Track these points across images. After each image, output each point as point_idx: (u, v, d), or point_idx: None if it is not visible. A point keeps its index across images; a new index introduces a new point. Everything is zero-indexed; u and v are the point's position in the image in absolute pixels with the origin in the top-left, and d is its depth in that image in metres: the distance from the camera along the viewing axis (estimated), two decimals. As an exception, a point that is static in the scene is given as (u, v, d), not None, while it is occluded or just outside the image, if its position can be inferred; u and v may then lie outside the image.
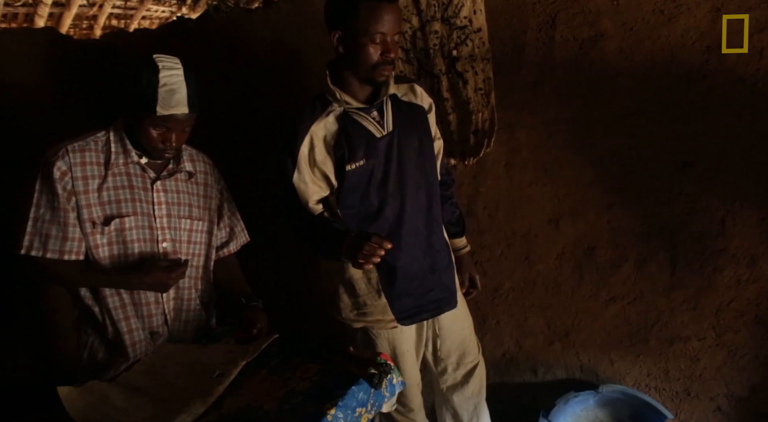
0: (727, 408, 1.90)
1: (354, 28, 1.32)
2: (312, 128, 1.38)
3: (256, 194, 1.94)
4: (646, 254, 1.84)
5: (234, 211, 1.55)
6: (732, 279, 1.74)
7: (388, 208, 1.44)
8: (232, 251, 1.54)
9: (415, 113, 1.51)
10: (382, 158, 1.42)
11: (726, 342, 1.81)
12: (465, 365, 1.71)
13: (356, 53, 1.34)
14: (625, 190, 1.81)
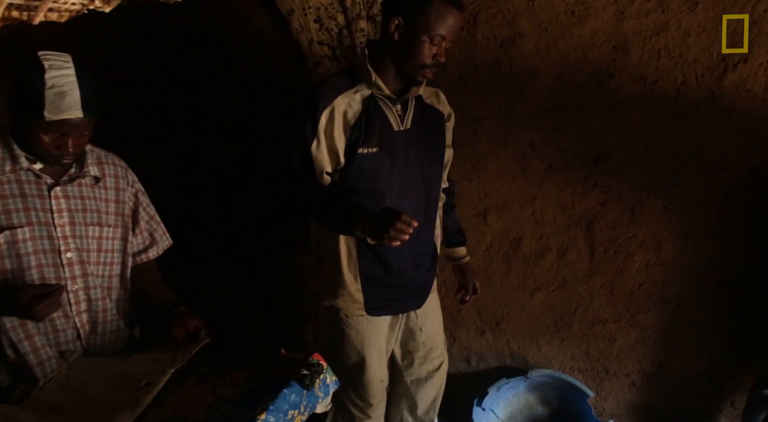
0: (640, 383, 2.04)
1: (418, 22, 1.30)
2: (336, 100, 1.35)
3: (171, 193, 1.85)
4: (567, 243, 1.94)
5: (153, 215, 1.47)
6: (642, 264, 1.87)
7: (388, 201, 1.43)
8: (152, 257, 1.46)
9: (434, 117, 1.53)
10: (394, 152, 1.43)
11: (638, 322, 1.95)
12: (431, 360, 1.73)
13: (410, 46, 1.33)
14: (547, 183, 1.90)
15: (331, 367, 1.34)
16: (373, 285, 1.51)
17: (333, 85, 1.38)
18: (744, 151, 1.66)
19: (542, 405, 2.15)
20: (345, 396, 1.64)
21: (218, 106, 2.02)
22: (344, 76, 1.41)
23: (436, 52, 1.34)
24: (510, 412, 2.16)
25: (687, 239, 1.81)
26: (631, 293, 1.93)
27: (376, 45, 1.42)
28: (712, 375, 1.96)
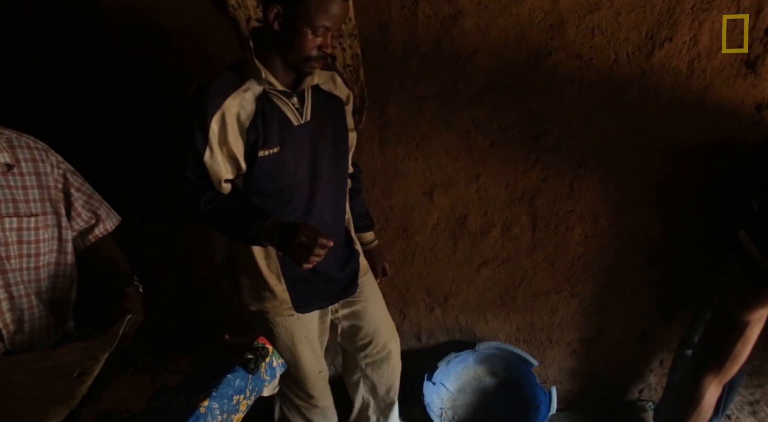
0: (580, 350, 2.15)
1: (298, 12, 1.20)
2: (225, 103, 1.24)
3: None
4: (511, 219, 1.99)
5: (90, 193, 1.38)
6: (580, 236, 1.95)
7: (298, 198, 1.39)
8: (101, 235, 1.39)
9: (333, 104, 1.46)
10: (298, 147, 1.36)
11: (578, 292, 2.04)
12: (383, 344, 1.75)
13: (292, 38, 1.24)
14: (490, 160, 1.93)
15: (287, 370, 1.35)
16: (299, 283, 1.49)
17: (220, 86, 1.25)
18: (670, 127, 1.74)
19: (490, 376, 2.23)
20: (288, 389, 1.65)
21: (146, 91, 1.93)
22: (232, 72, 1.28)
23: (321, 44, 1.25)
24: (460, 385, 2.23)
25: (621, 212, 1.89)
26: (571, 265, 2.01)
27: (258, 35, 1.29)
28: (645, 339, 2.08)
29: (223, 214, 1.31)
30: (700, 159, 1.76)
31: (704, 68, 1.64)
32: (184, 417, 0.98)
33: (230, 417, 1.11)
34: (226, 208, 1.31)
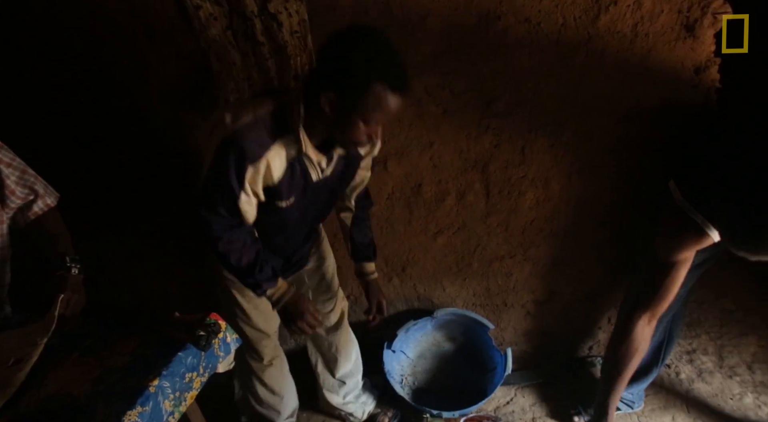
0: (534, 312, 2.22)
1: (354, 104, 1.20)
2: (266, 155, 1.25)
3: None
4: (465, 186, 2.00)
5: (24, 169, 1.33)
6: (532, 201, 1.98)
7: (288, 223, 1.49)
8: (40, 211, 1.34)
9: (351, 161, 1.51)
10: (309, 199, 1.44)
11: (531, 256, 2.09)
12: (336, 308, 1.86)
13: (343, 125, 1.25)
14: (443, 127, 1.92)
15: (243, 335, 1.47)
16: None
17: (262, 136, 1.25)
18: (616, 91, 1.77)
19: (449, 341, 2.28)
20: (245, 355, 1.77)
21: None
22: (273, 121, 1.26)
23: (370, 132, 1.27)
24: (419, 351, 2.27)
25: (571, 175, 1.93)
26: (524, 229, 2.05)
27: (308, 99, 1.26)
28: (594, 298, 2.17)
29: (239, 261, 1.37)
30: (645, 122, 1.81)
31: (647, 31, 1.67)
32: (133, 398, 0.95)
33: (183, 395, 1.08)
34: (243, 257, 1.37)
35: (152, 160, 1.94)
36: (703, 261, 1.74)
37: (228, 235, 1.33)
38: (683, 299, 1.82)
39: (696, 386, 2.13)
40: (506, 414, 2.07)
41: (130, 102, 1.83)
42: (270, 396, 1.87)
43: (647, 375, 1.94)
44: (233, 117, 1.24)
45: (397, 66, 1.20)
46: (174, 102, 1.84)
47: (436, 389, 2.19)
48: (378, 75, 1.16)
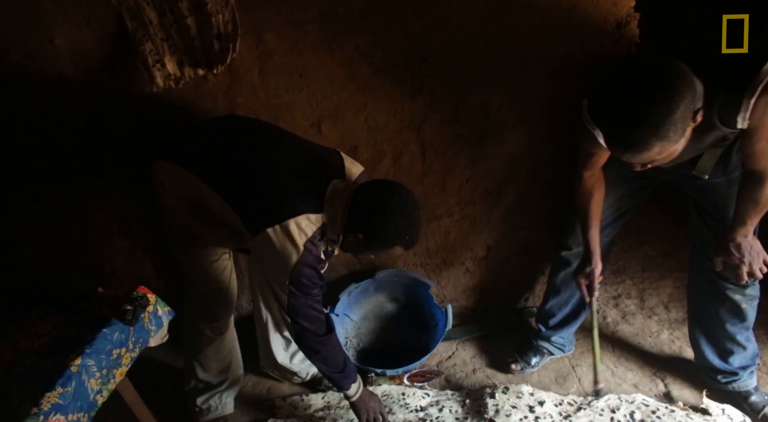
0: (472, 268, 2.28)
1: (375, 249, 1.49)
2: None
3: None
4: (401, 147, 2.00)
5: None
6: (467, 160, 2.01)
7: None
8: None
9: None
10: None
11: (468, 214, 2.13)
12: None
13: (357, 251, 1.57)
14: (376, 88, 1.88)
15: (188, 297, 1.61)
16: None
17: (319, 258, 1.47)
18: (544, 47, 1.80)
19: (391, 302, 2.31)
20: (194, 317, 1.78)
21: None
22: (317, 235, 1.45)
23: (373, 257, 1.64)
24: (363, 313, 2.29)
25: (503, 133, 1.97)
26: (460, 189, 2.08)
27: (350, 229, 1.46)
28: (529, 252, 2.25)
29: (336, 361, 1.63)
30: (572, 78, 1.85)
31: (572, -13, 1.70)
32: (52, 379, 0.89)
33: (111, 372, 1.03)
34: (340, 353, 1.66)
35: (68, 128, 1.81)
36: (626, 210, 1.84)
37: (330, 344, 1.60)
38: (607, 248, 1.93)
39: (620, 327, 2.29)
40: (448, 367, 2.14)
41: (37, 70, 1.68)
42: (219, 363, 1.86)
43: (576, 319, 2.07)
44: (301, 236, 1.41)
45: (417, 235, 1.48)
46: (89, 68, 1.71)
47: (380, 349, 2.23)
48: (401, 241, 1.44)
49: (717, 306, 1.79)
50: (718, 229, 1.63)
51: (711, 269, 1.69)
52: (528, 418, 1.84)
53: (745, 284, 1.67)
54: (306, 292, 1.47)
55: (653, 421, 1.81)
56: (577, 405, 1.91)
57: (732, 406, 1.85)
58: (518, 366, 2.08)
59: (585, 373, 2.08)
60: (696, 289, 1.89)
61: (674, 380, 2.02)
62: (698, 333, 1.91)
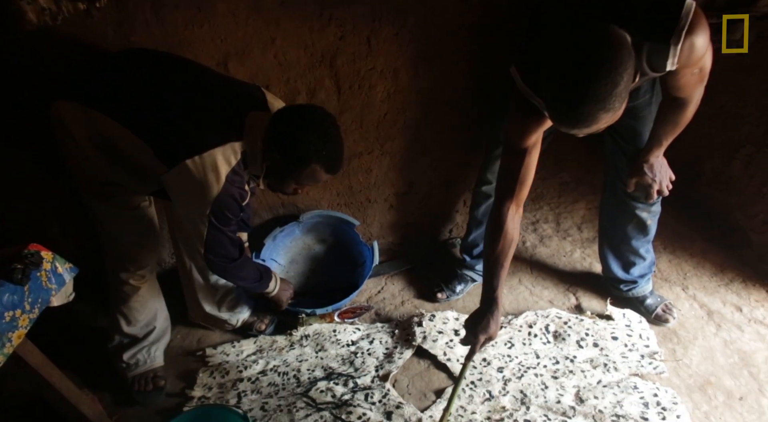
0: (396, 204, 2.31)
1: (293, 171, 1.46)
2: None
3: None
4: (315, 83, 1.92)
5: None
6: (383, 94, 1.98)
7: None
8: None
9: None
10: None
11: (388, 150, 2.13)
12: None
13: (279, 180, 1.53)
14: (283, 21, 1.77)
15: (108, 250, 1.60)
16: None
17: (245, 178, 1.48)
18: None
19: (318, 243, 2.31)
20: (115, 267, 1.74)
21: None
22: (241, 165, 1.43)
23: (299, 191, 1.56)
24: (290, 257, 2.28)
25: (418, 65, 1.94)
26: (378, 124, 2.05)
27: (272, 155, 1.45)
28: (450, 184, 2.30)
29: (253, 275, 1.75)
30: (484, 6, 1.83)
31: None
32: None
33: (6, 336, 0.97)
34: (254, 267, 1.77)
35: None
36: (546, 144, 1.89)
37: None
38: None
39: (538, 250, 2.42)
40: (378, 301, 2.20)
41: None
42: (144, 314, 1.82)
43: None
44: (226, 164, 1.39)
45: (336, 153, 1.46)
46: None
47: (311, 291, 2.24)
48: (318, 159, 1.42)
49: (625, 225, 1.92)
50: (631, 152, 1.72)
51: (623, 190, 1.80)
52: (453, 341, 1.95)
53: (653, 202, 1.81)
54: (226, 224, 1.48)
55: (565, 330, 1.97)
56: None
57: (631, 310, 2.04)
58: (444, 295, 2.17)
59: (506, 295, 2.21)
60: (607, 210, 2.01)
61: (584, 293, 2.19)
62: (606, 249, 2.06)
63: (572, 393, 1.76)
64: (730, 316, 2.04)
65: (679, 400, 1.71)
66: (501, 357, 1.89)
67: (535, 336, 1.97)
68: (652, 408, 1.69)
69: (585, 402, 1.72)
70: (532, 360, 1.88)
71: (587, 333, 1.95)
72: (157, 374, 1.87)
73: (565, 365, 1.85)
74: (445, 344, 1.93)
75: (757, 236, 2.21)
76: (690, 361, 1.88)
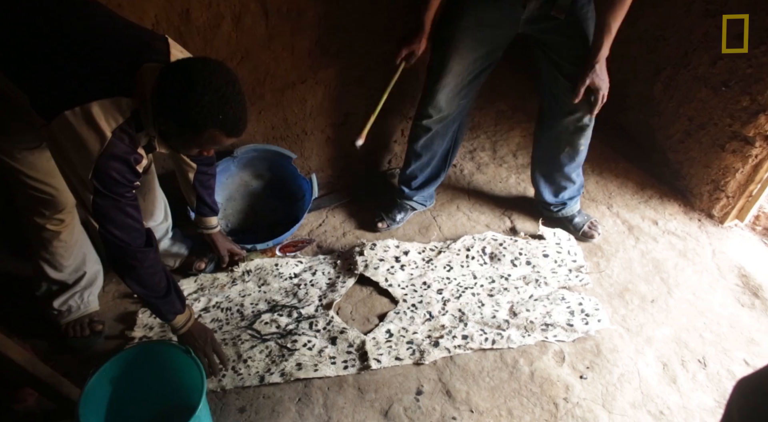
0: (333, 136, 2.27)
1: (189, 137, 1.28)
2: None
3: None
4: (239, 8, 1.79)
5: None
6: (314, 18, 1.88)
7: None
8: None
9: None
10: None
11: (322, 78, 2.06)
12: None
13: (178, 145, 1.35)
14: (198, -66, 1.63)
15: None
16: None
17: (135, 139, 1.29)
18: None
19: (256, 179, 2.26)
20: (28, 214, 1.61)
21: None
22: (132, 124, 1.26)
23: (203, 152, 1.38)
24: (228, 194, 2.22)
25: (349, -14, 1.85)
26: (310, 52, 1.97)
27: (163, 104, 1.23)
28: (386, 114, 2.27)
29: (155, 283, 1.44)
30: None
31: None
32: None
33: None
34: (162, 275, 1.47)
35: None
36: (482, 70, 1.87)
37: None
38: (466, 110, 2.01)
39: (475, 177, 2.48)
40: (319, 234, 2.21)
41: None
42: (71, 259, 1.71)
43: (437, 178, 2.20)
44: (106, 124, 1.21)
45: (235, 115, 1.24)
46: None
47: (251, 227, 2.21)
48: (214, 124, 1.22)
49: (558, 152, 2.00)
50: (570, 71, 1.75)
51: (562, 110, 1.86)
52: (394, 267, 2.00)
53: (587, 124, 1.88)
54: (116, 192, 1.27)
55: (501, 251, 2.07)
56: (437, 249, 2.10)
57: (561, 229, 2.16)
58: (384, 224, 2.20)
59: (444, 222, 2.27)
60: (541, 138, 2.07)
61: (519, 216, 2.29)
62: (538, 175, 2.14)
63: (506, 308, 1.88)
64: (647, 229, 2.21)
65: (600, 307, 1.87)
66: (440, 280, 1.97)
67: (473, 258, 2.05)
68: (577, 315, 1.84)
69: (518, 315, 1.84)
70: (470, 281, 1.97)
71: (521, 253, 2.06)
72: (93, 319, 1.81)
73: (500, 283, 1.96)
74: (387, 271, 1.98)
75: (674, 154, 2.36)
76: (611, 272, 2.03)
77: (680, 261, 2.06)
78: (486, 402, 1.62)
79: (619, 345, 1.77)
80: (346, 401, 1.63)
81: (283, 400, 1.63)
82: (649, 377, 1.69)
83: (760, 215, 2.24)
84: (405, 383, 1.68)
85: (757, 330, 1.83)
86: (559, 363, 1.73)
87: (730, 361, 1.73)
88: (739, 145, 2.06)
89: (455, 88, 1.86)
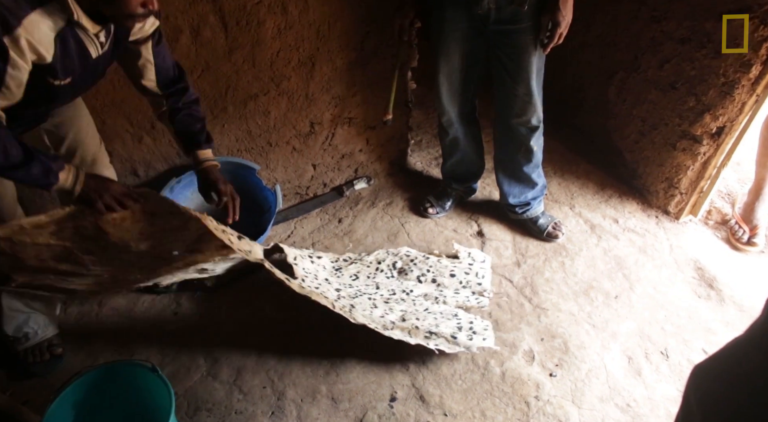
0: (299, 146, 2.27)
1: None
2: (23, 25, 1.06)
3: None
4: (198, 20, 1.79)
5: None
6: (274, 30, 1.89)
7: (56, 99, 1.34)
8: None
9: (119, 38, 1.35)
10: (84, 78, 1.31)
11: (284, 89, 2.06)
12: (91, 157, 1.65)
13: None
14: (153, -52, 1.61)
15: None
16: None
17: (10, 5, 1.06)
18: None
19: (221, 192, 2.22)
20: None
21: None
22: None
23: (145, 2, 1.18)
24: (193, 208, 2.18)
25: (307, -3, 1.86)
26: (272, 63, 1.97)
27: None
28: (352, 122, 2.29)
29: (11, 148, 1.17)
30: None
31: None
32: None
33: None
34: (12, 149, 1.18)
35: None
36: (473, 63, 1.93)
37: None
38: (473, 110, 2.16)
39: (441, 184, 2.51)
40: (288, 246, 2.20)
41: None
42: None
43: (476, 176, 2.38)
44: None
45: None
46: None
47: (218, 240, 2.18)
48: None
49: (515, 153, 2.07)
50: (513, 69, 1.83)
51: (512, 112, 1.94)
52: (306, 260, 1.96)
53: (536, 126, 1.96)
54: None
55: (410, 267, 2.03)
56: (350, 260, 2.07)
57: (477, 250, 2.14)
58: (434, 210, 2.32)
59: (413, 228, 2.29)
60: (500, 141, 2.14)
61: (485, 219, 2.33)
62: (502, 177, 2.19)
63: (398, 315, 1.80)
64: (608, 228, 2.28)
65: (490, 329, 1.78)
66: (345, 286, 1.92)
67: (382, 271, 2.03)
68: (464, 331, 1.75)
69: (406, 320, 1.77)
70: (372, 290, 1.93)
71: (429, 270, 2.02)
72: (52, 342, 1.74)
73: (399, 296, 1.91)
74: (297, 257, 1.94)
75: (630, 154, 2.45)
76: (576, 270, 2.09)
77: (640, 257, 2.14)
78: (459, 404, 1.64)
79: (586, 342, 1.82)
80: (320, 412, 1.62)
81: (256, 414, 1.61)
82: (616, 371, 1.73)
83: (711, 210, 2.34)
84: (378, 390, 1.68)
85: (714, 320, 1.90)
86: (529, 362, 1.76)
87: (690, 351, 1.80)
88: (688, 144, 2.16)
89: (450, 87, 1.99)
